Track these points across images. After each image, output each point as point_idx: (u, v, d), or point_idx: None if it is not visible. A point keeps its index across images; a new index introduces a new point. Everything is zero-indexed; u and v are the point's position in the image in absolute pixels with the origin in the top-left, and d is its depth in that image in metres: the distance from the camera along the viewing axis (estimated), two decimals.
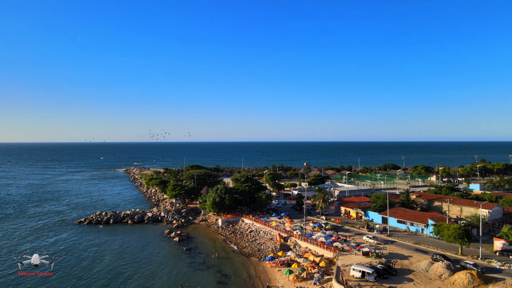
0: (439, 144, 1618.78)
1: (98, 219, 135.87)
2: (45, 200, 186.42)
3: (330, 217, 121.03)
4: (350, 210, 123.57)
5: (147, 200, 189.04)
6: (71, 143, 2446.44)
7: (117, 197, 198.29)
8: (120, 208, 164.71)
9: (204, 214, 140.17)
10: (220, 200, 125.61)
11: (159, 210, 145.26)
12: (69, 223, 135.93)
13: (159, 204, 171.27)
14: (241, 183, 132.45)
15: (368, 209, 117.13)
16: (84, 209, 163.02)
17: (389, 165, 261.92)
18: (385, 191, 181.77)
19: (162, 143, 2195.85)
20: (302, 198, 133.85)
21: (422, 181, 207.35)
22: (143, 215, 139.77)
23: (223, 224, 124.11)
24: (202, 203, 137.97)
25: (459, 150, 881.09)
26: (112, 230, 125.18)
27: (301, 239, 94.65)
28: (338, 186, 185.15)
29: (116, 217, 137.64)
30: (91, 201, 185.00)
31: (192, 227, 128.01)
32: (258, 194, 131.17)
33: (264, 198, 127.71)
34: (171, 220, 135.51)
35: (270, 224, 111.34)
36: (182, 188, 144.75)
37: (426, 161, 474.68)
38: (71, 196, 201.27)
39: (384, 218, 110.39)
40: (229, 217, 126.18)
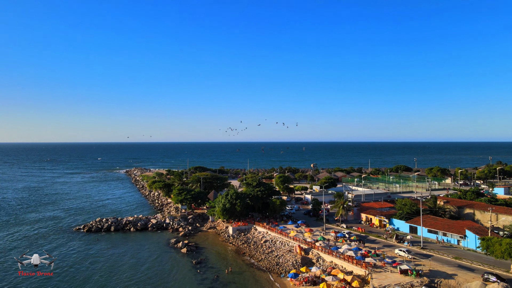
0: (438, 145, 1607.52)
1: (98, 226, 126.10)
2: (41, 205, 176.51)
3: (350, 225, 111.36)
4: (372, 218, 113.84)
5: (150, 204, 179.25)
6: (69, 143, 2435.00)
7: (118, 201, 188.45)
8: (122, 213, 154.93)
9: (212, 221, 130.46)
10: (230, 206, 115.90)
11: (163, 216, 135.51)
12: (66, 230, 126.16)
13: (163, 209, 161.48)
14: (252, 188, 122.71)
15: (393, 216, 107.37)
16: (83, 214, 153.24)
17: (401, 167, 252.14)
18: (401, 195, 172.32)
19: (161, 143, 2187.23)
20: (320, 204, 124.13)
21: (438, 184, 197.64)
22: (147, 222, 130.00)
23: (234, 232, 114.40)
24: (210, 209, 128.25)
25: (461, 151, 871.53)
26: (113, 239, 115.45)
27: (324, 252, 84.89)
28: (353, 189, 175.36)
29: (118, 224, 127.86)
30: (91, 205, 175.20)
31: (200, 236, 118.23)
32: (272, 199, 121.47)
33: (278, 204, 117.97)
34: (177, 227, 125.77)
35: (287, 234, 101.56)
36: (188, 193, 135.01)
37: (431, 162, 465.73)
38: (70, 200, 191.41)
39: (412, 227, 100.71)
40: (240, 225, 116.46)
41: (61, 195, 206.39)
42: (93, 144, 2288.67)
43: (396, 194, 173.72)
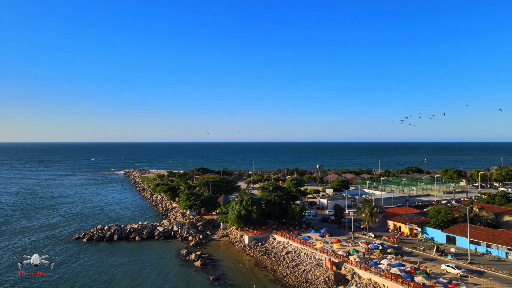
0: (434, 145, 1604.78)
1: (99, 234, 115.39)
2: (36, 210, 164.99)
3: (377, 233, 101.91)
4: (401, 225, 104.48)
5: (153, 208, 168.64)
6: (58, 143, 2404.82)
7: (119, 205, 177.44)
8: (124, 219, 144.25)
9: (224, 228, 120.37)
10: (246, 213, 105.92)
11: (171, 223, 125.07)
12: (65, 239, 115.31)
13: (167, 214, 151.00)
14: (269, 193, 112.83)
15: (427, 225, 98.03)
16: (82, 221, 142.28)
17: (412, 168, 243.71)
18: (419, 198, 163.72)
19: (152, 144, 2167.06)
20: (342, 210, 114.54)
21: (455, 187, 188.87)
22: (153, 229, 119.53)
23: (250, 242, 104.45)
24: (222, 216, 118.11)
25: (459, 151, 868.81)
26: (117, 249, 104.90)
27: (360, 267, 75.23)
28: (370, 193, 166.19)
29: (121, 232, 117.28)
30: (90, 210, 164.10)
31: (213, 245, 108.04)
32: (291, 205, 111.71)
33: (298, 211, 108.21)
34: (186, 235, 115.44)
35: (311, 244, 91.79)
36: (198, 198, 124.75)
37: (434, 163, 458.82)
38: (67, 204, 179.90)
39: (450, 237, 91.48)
40: (257, 233, 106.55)
41: (57, 199, 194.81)
42: (83, 144, 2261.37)
43: (413, 197, 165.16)
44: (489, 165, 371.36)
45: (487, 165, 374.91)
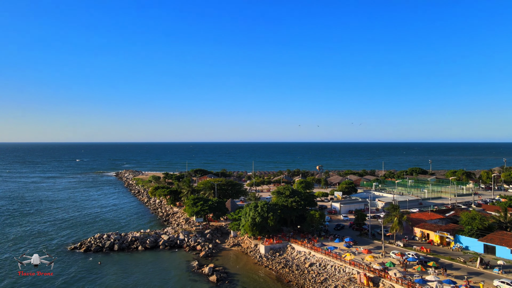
0: (427, 145, 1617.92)
1: (98, 244, 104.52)
2: (24, 216, 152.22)
3: (407, 241, 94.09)
4: (429, 233, 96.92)
5: (152, 213, 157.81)
6: (39, 143, 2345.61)
7: (115, 210, 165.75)
8: (123, 226, 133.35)
9: (234, 236, 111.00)
10: (261, 221, 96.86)
11: (176, 231, 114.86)
12: (59, 250, 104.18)
13: (169, 220, 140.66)
14: (285, 198, 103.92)
15: (460, 233, 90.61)
16: (77, 228, 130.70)
17: (416, 169, 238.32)
18: (431, 201, 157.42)
19: (140, 144, 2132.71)
20: (364, 216, 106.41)
21: (466, 189, 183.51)
22: (157, 238, 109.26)
23: (267, 252, 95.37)
24: (233, 222, 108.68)
25: (456, 152, 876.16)
26: (119, 261, 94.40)
27: (402, 283, 66.90)
28: (381, 196, 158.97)
29: (122, 241, 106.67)
30: (84, 216, 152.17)
31: (225, 256, 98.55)
32: (309, 211, 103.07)
33: (318, 217, 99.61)
34: (193, 245, 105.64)
35: (337, 255, 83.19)
36: (205, 203, 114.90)
37: (434, 164, 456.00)
38: (58, 209, 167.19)
39: (488, 246, 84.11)
40: (274, 243, 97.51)
41: (47, 204, 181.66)
42: (64, 144, 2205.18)
43: (425, 200, 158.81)
44: (485, 166, 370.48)
45: (484, 166, 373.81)
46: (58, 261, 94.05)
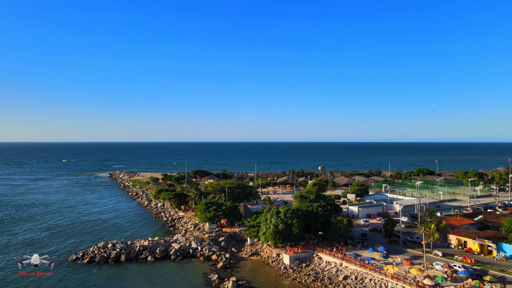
0: (424, 145, 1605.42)
1: (103, 254, 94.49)
2: (16, 222, 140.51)
3: (443, 250, 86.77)
4: (466, 241, 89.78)
5: (155, 217, 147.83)
6: (20, 143, 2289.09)
7: (115, 214, 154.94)
8: (126, 233, 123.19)
9: (252, 244, 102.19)
10: (285, 228, 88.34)
11: (187, 239, 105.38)
12: (59, 261, 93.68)
13: (175, 225, 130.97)
14: (310, 202, 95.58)
15: (504, 240, 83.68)
16: (75, 235, 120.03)
17: (423, 170, 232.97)
18: (447, 204, 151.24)
19: (127, 144, 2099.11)
20: (394, 222, 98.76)
21: (480, 191, 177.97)
22: (167, 247, 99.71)
23: (291, 262, 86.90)
24: (250, 229, 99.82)
25: (450, 151, 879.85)
26: (128, 275, 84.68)
27: None
28: (397, 198, 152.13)
29: (129, 251, 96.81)
30: (81, 221, 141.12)
31: (244, 267, 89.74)
32: (336, 217, 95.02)
33: (346, 224, 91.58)
34: (208, 254, 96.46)
35: (380, 269, 75.21)
36: (219, 208, 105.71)
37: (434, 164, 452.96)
38: (52, 214, 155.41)
39: None
40: (298, 252, 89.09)
41: (40, 208, 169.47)
42: (48, 144, 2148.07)
43: (442, 203, 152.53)
44: (486, 166, 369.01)
45: (484, 166, 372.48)
46: (59, 274, 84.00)
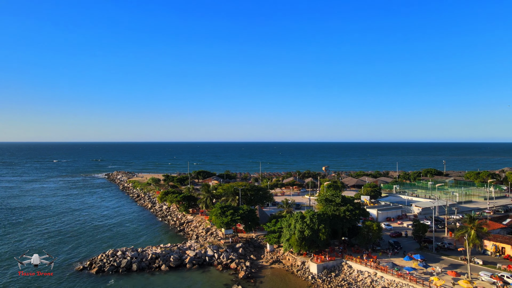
0: (416, 146, 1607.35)
1: (112, 263, 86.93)
2: (12, 226, 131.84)
3: (481, 257, 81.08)
4: (504, 247, 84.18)
5: (160, 220, 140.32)
6: (9, 143, 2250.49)
7: (118, 218, 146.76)
8: (133, 238, 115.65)
9: (272, 251, 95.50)
10: (311, 234, 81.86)
11: (202, 245, 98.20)
12: (64, 271, 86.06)
13: (184, 230, 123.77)
14: (336, 206, 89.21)
15: None
16: (78, 241, 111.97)
17: (431, 170, 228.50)
18: (463, 206, 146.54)
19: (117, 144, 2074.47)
20: (425, 227, 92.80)
21: (494, 192, 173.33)
22: (181, 254, 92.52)
23: (319, 271, 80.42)
24: (271, 235, 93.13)
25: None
26: (141, 286, 77.35)
27: None
28: (417, 201, 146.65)
29: (141, 259, 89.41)
30: (83, 226, 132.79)
31: (268, 276, 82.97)
32: (364, 222, 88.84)
33: (376, 229, 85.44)
34: (226, 262, 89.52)
35: (425, 281, 69.07)
36: (236, 212, 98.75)
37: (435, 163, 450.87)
38: (50, 218, 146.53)
39: None
40: (326, 260, 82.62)
41: (37, 211, 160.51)
42: (36, 143, 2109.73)
43: (458, 205, 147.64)
44: (487, 166, 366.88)
45: (485, 166, 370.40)
46: (66, 286, 76.39)
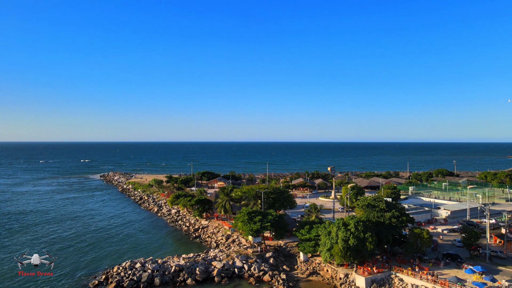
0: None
1: (132, 278, 76.80)
2: (9, 233, 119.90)
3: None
4: None
5: (172, 225, 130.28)
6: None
7: (125, 223, 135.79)
8: (146, 247, 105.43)
9: (305, 261, 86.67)
10: (357, 243, 73.36)
11: (228, 255, 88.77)
12: (75, 284, 75.69)
13: (200, 236, 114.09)
14: (380, 212, 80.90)
15: None
16: (87, 251, 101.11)
17: (442, 171, 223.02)
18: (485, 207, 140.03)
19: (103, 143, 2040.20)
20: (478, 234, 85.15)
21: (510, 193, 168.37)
22: (207, 266, 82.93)
23: (367, 285, 71.99)
24: (306, 243, 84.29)
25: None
26: None
27: None
28: (444, 204, 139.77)
29: (163, 271, 79.57)
30: (89, 233, 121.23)
31: None
32: (413, 229, 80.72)
33: (427, 238, 77.39)
34: (258, 274, 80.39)
35: None
36: (264, 218, 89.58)
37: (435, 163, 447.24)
38: (50, 224, 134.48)
39: None
40: (374, 272, 74.23)
41: (34, 216, 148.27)
42: (17, 143, 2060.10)
43: (484, 207, 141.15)
44: (490, 166, 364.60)
45: (488, 167, 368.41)
46: None
